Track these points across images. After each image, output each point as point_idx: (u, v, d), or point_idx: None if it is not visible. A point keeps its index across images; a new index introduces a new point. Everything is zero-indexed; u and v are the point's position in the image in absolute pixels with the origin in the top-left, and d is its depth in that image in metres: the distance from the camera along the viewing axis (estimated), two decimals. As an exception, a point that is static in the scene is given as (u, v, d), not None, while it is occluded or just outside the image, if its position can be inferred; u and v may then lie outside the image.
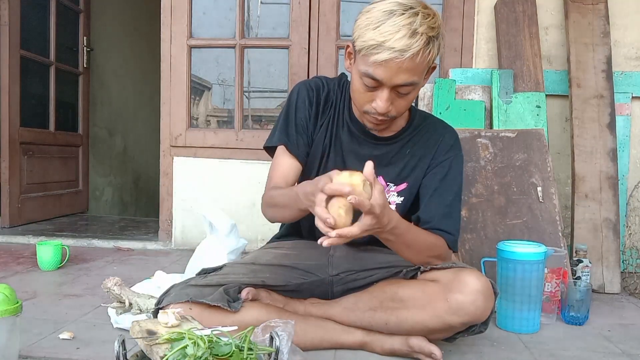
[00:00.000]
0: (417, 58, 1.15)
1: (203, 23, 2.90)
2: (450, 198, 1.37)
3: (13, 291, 1.19)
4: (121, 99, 4.93)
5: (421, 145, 1.41)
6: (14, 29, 3.11)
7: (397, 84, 1.19)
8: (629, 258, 2.25)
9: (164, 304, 1.25)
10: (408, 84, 1.20)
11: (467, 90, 2.50)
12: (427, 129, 1.43)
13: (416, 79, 1.20)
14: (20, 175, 3.24)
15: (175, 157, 2.83)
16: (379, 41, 1.14)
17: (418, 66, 1.18)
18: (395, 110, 1.26)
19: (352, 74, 1.28)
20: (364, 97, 1.26)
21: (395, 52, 1.13)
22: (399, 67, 1.16)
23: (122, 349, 0.95)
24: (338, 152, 1.42)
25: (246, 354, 0.96)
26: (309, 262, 1.45)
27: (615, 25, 2.48)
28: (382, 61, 1.15)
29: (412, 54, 1.14)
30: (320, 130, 1.42)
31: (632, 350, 1.49)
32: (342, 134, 1.42)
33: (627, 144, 2.45)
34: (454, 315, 1.23)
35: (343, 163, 1.41)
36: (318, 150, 1.42)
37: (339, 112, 1.42)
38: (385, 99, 1.22)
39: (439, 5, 2.72)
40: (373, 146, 1.41)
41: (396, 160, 1.41)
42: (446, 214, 1.35)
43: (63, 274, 2.18)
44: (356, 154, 1.41)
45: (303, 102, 1.41)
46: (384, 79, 1.19)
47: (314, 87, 1.42)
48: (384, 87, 1.21)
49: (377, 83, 1.21)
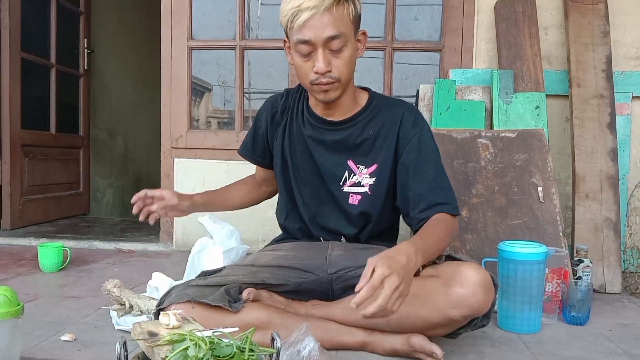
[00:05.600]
0: (333, 10, 1.29)
1: (203, 25, 2.91)
2: (432, 172, 1.40)
3: (14, 293, 1.20)
4: (122, 101, 4.93)
5: (383, 125, 1.46)
6: (14, 31, 3.11)
7: (325, 37, 1.30)
8: (629, 258, 2.25)
9: (165, 305, 1.26)
10: (335, 36, 1.30)
11: (467, 90, 2.50)
12: (386, 109, 1.48)
13: (342, 31, 1.30)
14: (21, 177, 3.25)
15: (176, 159, 2.84)
16: (296, 6, 1.29)
17: (338, 19, 1.30)
18: (336, 70, 1.34)
19: (292, 56, 1.39)
20: (305, 67, 1.35)
21: (312, 10, 1.28)
22: (320, 23, 1.29)
23: (124, 350, 0.95)
24: (304, 148, 1.50)
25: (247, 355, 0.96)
26: (307, 262, 1.45)
27: (615, 25, 2.48)
28: (304, 22, 1.29)
29: (326, 6, 1.28)
30: (278, 134, 1.55)
31: (633, 350, 1.49)
32: (304, 130, 1.51)
33: (627, 143, 2.45)
34: (455, 308, 1.24)
35: (311, 156, 1.49)
36: (278, 153, 1.55)
37: (297, 113, 1.53)
38: (322, 58, 1.31)
39: (439, 6, 2.73)
40: (334, 132, 1.47)
41: (361, 143, 1.46)
42: (433, 187, 1.38)
43: (64, 275, 2.18)
44: (320, 142, 1.48)
45: (261, 115, 1.59)
46: (312, 38, 1.30)
47: (272, 100, 1.59)
48: (317, 47, 1.31)
49: (309, 46, 1.31)
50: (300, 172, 1.52)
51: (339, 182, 1.47)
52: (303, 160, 1.51)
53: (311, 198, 1.51)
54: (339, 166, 1.47)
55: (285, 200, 1.57)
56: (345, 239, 1.51)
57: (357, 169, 1.46)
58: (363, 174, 1.46)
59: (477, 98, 2.49)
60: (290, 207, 1.57)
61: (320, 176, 1.49)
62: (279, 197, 1.62)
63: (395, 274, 1.04)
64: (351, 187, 1.47)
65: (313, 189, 1.51)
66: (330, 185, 1.48)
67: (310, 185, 1.51)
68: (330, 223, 1.51)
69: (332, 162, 1.47)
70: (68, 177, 3.79)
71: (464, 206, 2.02)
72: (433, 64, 2.77)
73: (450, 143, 2.14)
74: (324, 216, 1.51)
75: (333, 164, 1.47)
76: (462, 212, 2.02)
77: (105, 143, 4.70)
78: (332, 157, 1.47)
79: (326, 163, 1.48)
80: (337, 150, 1.47)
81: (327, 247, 1.49)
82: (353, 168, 1.46)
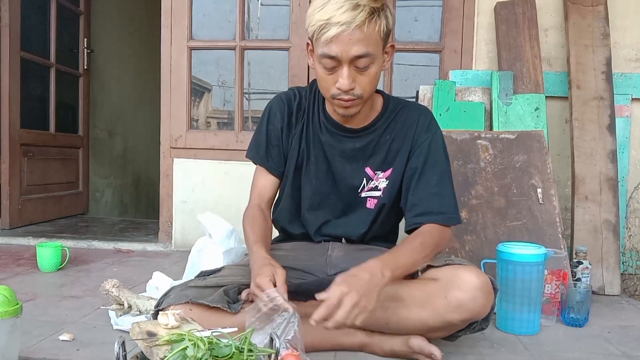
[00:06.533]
0: (364, 28, 1.21)
1: (203, 25, 2.91)
2: (435, 178, 1.39)
3: (13, 293, 1.19)
4: (121, 101, 4.93)
5: (400, 129, 1.44)
6: (14, 31, 3.11)
7: (352, 56, 1.23)
8: (628, 260, 2.25)
9: (163, 306, 1.25)
10: (363, 55, 1.24)
11: (467, 91, 2.50)
12: (403, 112, 1.45)
13: (370, 50, 1.24)
14: (21, 177, 3.24)
15: (175, 159, 2.84)
16: (325, 19, 1.21)
17: (368, 37, 1.22)
18: (359, 87, 1.28)
19: (315, 64, 1.32)
20: (328, 81, 1.29)
21: (342, 25, 1.20)
22: (349, 39, 1.21)
23: (122, 350, 0.95)
24: (319, 154, 1.45)
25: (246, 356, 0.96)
26: (307, 263, 1.45)
27: (615, 26, 2.48)
28: (333, 37, 1.21)
29: (358, 24, 1.20)
30: (295, 138, 1.46)
31: (632, 352, 1.49)
32: (321, 136, 1.45)
33: (627, 145, 2.45)
34: (454, 312, 1.24)
35: (327, 163, 1.44)
36: (293, 158, 1.46)
37: (313, 116, 1.46)
38: (347, 75, 1.25)
39: (439, 7, 2.73)
40: (354, 139, 1.43)
41: (379, 148, 1.44)
42: (434, 194, 1.37)
43: (63, 275, 2.18)
44: (340, 151, 1.44)
45: (274, 115, 1.47)
46: (339, 54, 1.23)
47: (284, 99, 1.48)
48: (342, 64, 1.25)
49: (334, 62, 1.25)
50: (312, 179, 1.46)
51: (357, 189, 1.45)
52: (317, 167, 1.45)
53: (320, 207, 1.47)
54: (357, 175, 1.44)
55: (289, 206, 1.51)
56: (346, 240, 1.50)
57: (375, 174, 1.44)
58: (380, 178, 1.44)
59: (477, 99, 2.49)
60: (293, 213, 1.51)
61: (335, 184, 1.45)
62: (282, 201, 1.53)
63: (354, 291, 1.09)
64: (368, 191, 1.45)
65: (323, 197, 1.46)
66: (345, 193, 1.45)
67: (321, 193, 1.46)
68: (338, 230, 1.48)
69: (351, 170, 1.44)
70: (67, 176, 3.79)
71: (463, 207, 2.02)
72: (433, 65, 2.77)
73: (450, 144, 2.14)
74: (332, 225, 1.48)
75: (352, 172, 1.44)
76: (461, 213, 2.01)
77: (104, 143, 4.70)
78: (351, 166, 1.44)
79: (344, 172, 1.44)
80: (356, 158, 1.44)
81: (327, 248, 1.48)
82: (371, 174, 1.44)
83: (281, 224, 1.55)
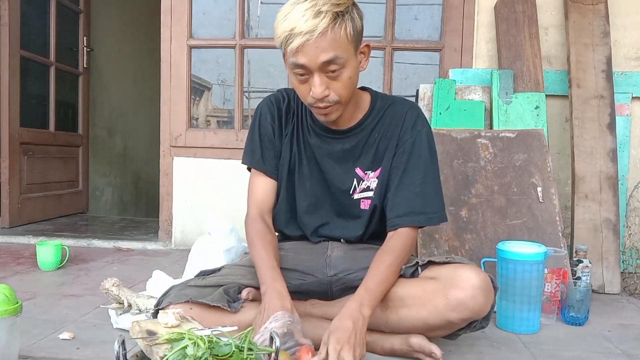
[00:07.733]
0: (328, 34, 1.19)
1: (203, 23, 2.90)
2: (419, 176, 1.37)
3: (13, 291, 1.19)
4: (121, 99, 4.93)
5: (387, 127, 1.42)
6: (14, 29, 3.11)
7: (320, 63, 1.21)
8: (628, 258, 2.25)
9: (163, 305, 1.25)
10: (331, 61, 1.22)
11: (467, 90, 2.50)
12: (391, 110, 1.44)
13: (339, 54, 1.22)
14: (20, 176, 3.24)
15: (175, 158, 2.84)
16: (289, 30, 1.19)
17: (334, 42, 1.20)
18: (334, 93, 1.27)
19: (289, 74, 1.30)
20: (303, 90, 1.28)
21: (305, 35, 1.18)
22: (315, 47, 1.19)
23: (122, 349, 0.95)
24: (310, 157, 1.45)
25: (246, 354, 0.96)
26: (307, 264, 1.45)
27: (615, 25, 2.48)
28: (297, 47, 1.19)
29: (321, 31, 1.18)
30: (286, 140, 1.46)
31: (632, 351, 1.49)
32: (310, 138, 1.44)
33: (627, 144, 2.45)
34: (454, 311, 1.24)
35: (317, 166, 1.44)
36: (286, 161, 1.45)
37: (302, 118, 1.46)
38: (318, 84, 1.24)
39: (439, 6, 2.73)
40: (342, 141, 1.43)
41: (367, 148, 1.43)
42: (417, 193, 1.36)
43: (63, 274, 2.18)
44: (328, 153, 1.43)
45: (265, 118, 1.47)
46: (307, 63, 1.22)
47: (274, 101, 1.48)
48: (312, 72, 1.23)
49: (304, 70, 1.24)
50: (306, 182, 1.46)
51: (349, 191, 1.44)
52: (310, 170, 1.45)
53: (316, 209, 1.47)
54: (348, 176, 1.43)
55: (285, 209, 1.49)
56: (345, 240, 1.50)
57: (365, 175, 1.43)
58: (370, 178, 1.43)
59: (477, 98, 2.49)
60: (289, 216, 1.50)
61: (327, 187, 1.45)
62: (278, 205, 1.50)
63: (346, 344, 1.11)
64: (361, 192, 1.44)
65: (318, 200, 1.46)
66: (339, 196, 1.45)
67: (315, 196, 1.46)
68: (336, 232, 1.47)
69: (341, 172, 1.43)
70: (67, 175, 3.79)
71: (463, 206, 2.02)
72: (433, 63, 2.77)
73: (450, 143, 2.14)
74: (329, 227, 1.47)
75: (342, 174, 1.43)
76: (461, 212, 2.02)
77: (104, 141, 4.70)
78: (341, 167, 1.43)
79: (335, 174, 1.44)
80: (345, 160, 1.43)
81: (327, 248, 1.47)
82: (361, 175, 1.43)
83: (278, 226, 1.53)
